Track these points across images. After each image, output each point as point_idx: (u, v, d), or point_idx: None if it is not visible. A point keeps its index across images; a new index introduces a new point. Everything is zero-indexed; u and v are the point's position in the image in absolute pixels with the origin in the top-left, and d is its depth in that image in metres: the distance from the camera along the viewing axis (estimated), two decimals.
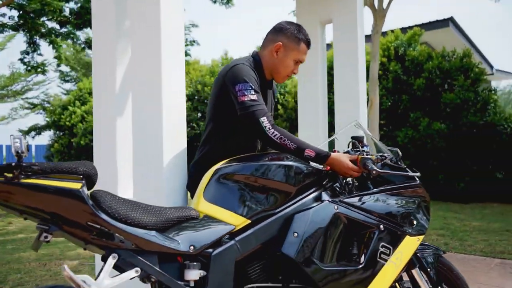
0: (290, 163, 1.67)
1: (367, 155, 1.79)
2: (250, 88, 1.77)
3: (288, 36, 1.96)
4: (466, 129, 7.76)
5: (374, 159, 1.75)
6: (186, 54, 11.26)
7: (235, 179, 1.62)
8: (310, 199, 1.68)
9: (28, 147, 1.29)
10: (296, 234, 1.55)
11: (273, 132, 1.72)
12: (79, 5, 8.46)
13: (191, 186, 2.00)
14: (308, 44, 2.01)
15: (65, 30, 7.95)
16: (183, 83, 2.09)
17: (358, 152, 1.81)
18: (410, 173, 1.81)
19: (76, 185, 1.32)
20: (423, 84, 8.41)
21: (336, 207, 1.65)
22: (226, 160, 1.71)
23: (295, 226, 1.56)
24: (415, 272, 1.86)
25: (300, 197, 1.67)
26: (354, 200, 1.71)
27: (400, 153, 1.93)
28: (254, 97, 1.76)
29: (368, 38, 6.68)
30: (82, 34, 11.54)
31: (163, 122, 1.97)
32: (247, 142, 1.96)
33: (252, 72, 1.85)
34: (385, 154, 1.83)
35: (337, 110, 3.92)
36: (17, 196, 1.28)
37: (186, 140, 2.11)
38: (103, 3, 2.39)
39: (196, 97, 12.15)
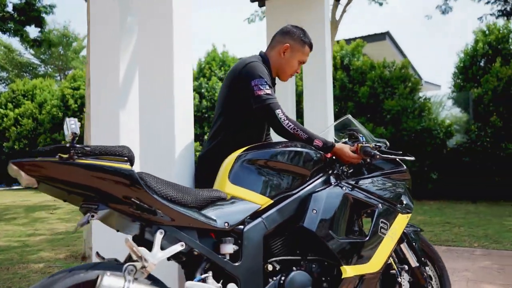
0: (306, 150, 1.87)
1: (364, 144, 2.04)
2: (265, 83, 1.95)
3: (294, 38, 2.18)
4: (406, 133, 8.47)
5: (372, 147, 2.01)
6: None
7: (258, 163, 1.78)
8: (320, 182, 1.89)
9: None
10: (315, 211, 1.74)
11: (288, 124, 1.91)
12: (24, 0, 8.05)
13: (200, 177, 2.13)
14: (311, 47, 2.25)
15: (11, 26, 7.52)
16: (191, 78, 2.21)
17: (358, 142, 2.05)
18: (407, 157, 2.10)
19: (127, 166, 1.41)
20: (367, 92, 9.06)
21: (344, 188, 1.87)
22: (246, 147, 1.86)
23: (313, 204, 1.76)
24: (403, 246, 2.14)
25: (312, 180, 1.88)
26: (361, 182, 1.94)
27: (388, 143, 2.21)
28: (269, 91, 1.95)
29: None
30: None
31: (175, 118, 2.06)
32: (257, 136, 2.13)
33: (265, 69, 2.04)
34: (379, 143, 2.10)
35: (306, 110, 4.21)
36: (72, 175, 1.34)
37: (193, 134, 2.23)
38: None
39: None
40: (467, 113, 9.47)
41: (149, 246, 1.43)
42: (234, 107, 2.07)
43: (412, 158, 2.14)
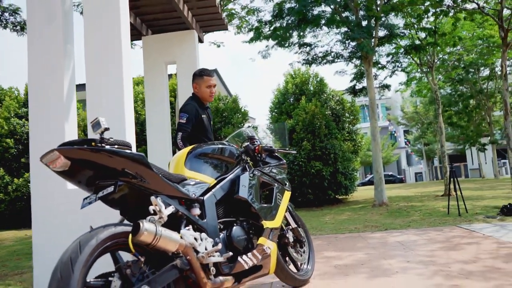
0: (230, 147, 2.70)
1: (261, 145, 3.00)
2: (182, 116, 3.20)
3: (197, 76, 3.39)
4: None
5: (268, 147, 2.98)
6: None
7: (204, 156, 2.53)
8: (241, 169, 2.74)
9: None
10: (244, 186, 2.58)
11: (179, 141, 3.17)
12: None
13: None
14: (208, 75, 3.40)
15: None
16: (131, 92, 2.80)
17: (258, 143, 2.98)
18: (291, 151, 3.13)
19: (139, 153, 2.01)
20: None
21: (257, 173, 2.77)
22: (191, 146, 2.59)
23: (243, 181, 2.59)
24: (287, 214, 3.14)
25: (236, 168, 2.72)
26: (264, 170, 2.87)
27: (273, 145, 3.22)
28: (182, 120, 3.20)
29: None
30: None
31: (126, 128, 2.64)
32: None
33: (191, 103, 3.31)
34: (269, 145, 3.08)
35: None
36: (102, 158, 1.86)
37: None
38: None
39: None
40: (284, 139, 11.61)
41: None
42: None
43: (294, 152, 3.21)
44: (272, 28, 10.55)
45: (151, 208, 1.95)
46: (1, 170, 10.10)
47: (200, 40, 5.43)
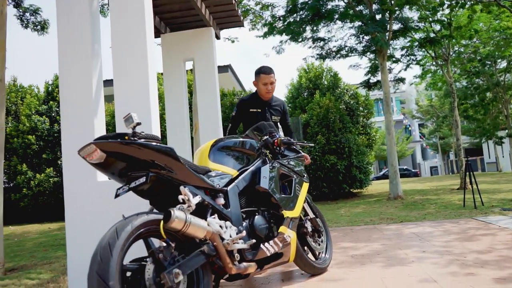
0: (251, 141, 2.82)
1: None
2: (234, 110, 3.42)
3: (255, 74, 3.75)
4: None
5: (286, 140, 3.09)
6: None
7: (227, 149, 2.66)
8: (261, 161, 2.86)
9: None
10: (265, 177, 2.70)
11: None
12: None
13: None
14: (264, 72, 3.62)
15: None
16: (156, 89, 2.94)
17: (277, 136, 3.09)
18: (309, 144, 3.24)
19: (169, 146, 2.14)
20: (221, 116, 10.37)
21: (277, 165, 2.88)
22: (214, 140, 2.72)
23: (263, 173, 2.71)
24: (305, 204, 3.25)
25: (256, 160, 2.84)
26: (283, 162, 2.98)
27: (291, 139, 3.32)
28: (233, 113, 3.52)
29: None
30: None
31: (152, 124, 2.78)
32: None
33: (247, 99, 3.68)
34: (288, 138, 3.19)
35: (200, 123, 5.14)
36: (135, 151, 2.00)
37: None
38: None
39: None
40: (298, 134, 11.68)
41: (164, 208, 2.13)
42: None
43: (312, 145, 3.31)
44: (285, 23, 10.61)
45: (180, 197, 2.09)
46: (24, 166, 10.41)
47: (217, 37, 5.55)
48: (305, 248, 3.14)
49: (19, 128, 10.74)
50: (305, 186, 3.12)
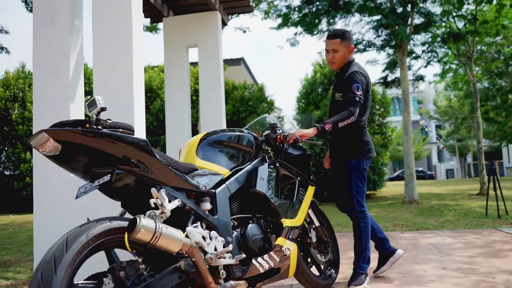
0: (248, 135, 2.41)
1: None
2: None
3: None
4: None
5: (290, 136, 2.67)
6: None
7: (218, 144, 2.26)
8: (259, 160, 2.46)
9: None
10: (262, 178, 2.29)
11: None
12: None
13: None
14: (328, 37, 2.94)
15: None
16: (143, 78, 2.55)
17: (280, 132, 2.68)
18: (318, 142, 2.81)
19: (142, 137, 1.75)
20: (230, 110, 9.98)
21: (278, 165, 2.47)
22: (206, 132, 2.32)
23: (261, 173, 2.31)
24: (310, 211, 2.83)
25: (254, 158, 2.43)
26: (286, 161, 2.57)
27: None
28: None
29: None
30: None
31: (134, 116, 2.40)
32: None
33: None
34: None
35: (202, 114, 4.75)
36: (97, 142, 1.61)
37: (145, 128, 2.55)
38: None
39: None
40: None
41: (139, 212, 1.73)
42: None
43: (320, 142, 2.89)
44: (301, 14, 10.13)
45: (151, 201, 1.70)
46: (28, 154, 10.20)
47: (224, 23, 5.14)
48: (308, 260, 2.74)
49: (24, 115, 10.51)
50: (311, 190, 2.71)
